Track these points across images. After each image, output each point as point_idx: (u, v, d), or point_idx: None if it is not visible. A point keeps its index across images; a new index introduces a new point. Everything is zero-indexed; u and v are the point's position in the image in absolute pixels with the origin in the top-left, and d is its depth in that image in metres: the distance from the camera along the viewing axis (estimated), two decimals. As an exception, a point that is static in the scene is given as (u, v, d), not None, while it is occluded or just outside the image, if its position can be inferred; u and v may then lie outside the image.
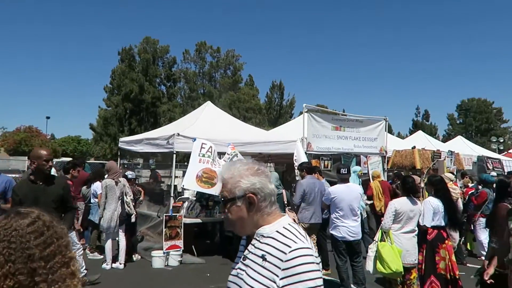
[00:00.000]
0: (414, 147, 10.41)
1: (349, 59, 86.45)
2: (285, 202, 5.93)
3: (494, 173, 13.11)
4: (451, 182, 8.72)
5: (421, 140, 13.72)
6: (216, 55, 38.92)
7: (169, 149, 7.81)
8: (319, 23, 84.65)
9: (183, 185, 7.45)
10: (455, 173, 11.45)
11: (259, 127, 15.24)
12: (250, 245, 1.45)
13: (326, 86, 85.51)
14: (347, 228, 5.35)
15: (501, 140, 32.28)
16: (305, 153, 8.71)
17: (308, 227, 6.12)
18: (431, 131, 57.12)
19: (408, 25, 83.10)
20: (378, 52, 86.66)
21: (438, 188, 4.74)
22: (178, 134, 7.60)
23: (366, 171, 10.13)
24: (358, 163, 10.25)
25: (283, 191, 6.02)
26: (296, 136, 9.17)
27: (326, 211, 6.48)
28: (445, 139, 32.66)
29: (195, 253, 7.30)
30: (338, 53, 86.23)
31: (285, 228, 1.40)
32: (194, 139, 7.44)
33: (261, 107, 37.71)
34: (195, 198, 8.19)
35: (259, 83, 71.02)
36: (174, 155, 7.89)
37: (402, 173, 10.43)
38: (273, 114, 41.47)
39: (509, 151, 20.22)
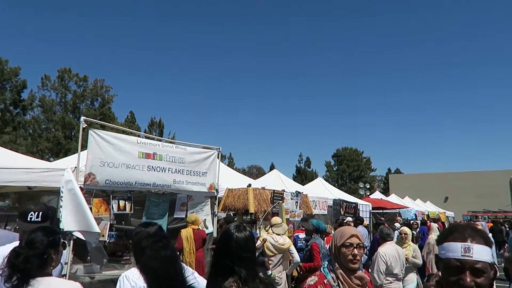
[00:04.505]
0: (249, 185, 8.28)
1: (234, 106, 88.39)
2: None
3: (349, 218, 11.90)
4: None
5: (275, 180, 11.93)
6: (83, 84, 34.23)
7: None
8: (204, 65, 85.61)
9: None
10: (303, 216, 9.67)
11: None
12: None
13: (216, 130, 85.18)
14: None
15: (367, 186, 34.03)
16: (81, 188, 5.89)
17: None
18: (312, 177, 59.42)
19: (290, 80, 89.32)
20: (263, 101, 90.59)
21: (144, 246, 2.23)
22: None
23: (184, 216, 7.61)
24: (172, 205, 7.67)
25: None
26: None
27: None
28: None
29: None
30: (223, 98, 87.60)
31: None
32: None
33: (134, 145, 33.65)
34: None
35: (142, 121, 66.95)
36: None
37: (235, 219, 8.18)
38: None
39: (369, 196, 20.23)
